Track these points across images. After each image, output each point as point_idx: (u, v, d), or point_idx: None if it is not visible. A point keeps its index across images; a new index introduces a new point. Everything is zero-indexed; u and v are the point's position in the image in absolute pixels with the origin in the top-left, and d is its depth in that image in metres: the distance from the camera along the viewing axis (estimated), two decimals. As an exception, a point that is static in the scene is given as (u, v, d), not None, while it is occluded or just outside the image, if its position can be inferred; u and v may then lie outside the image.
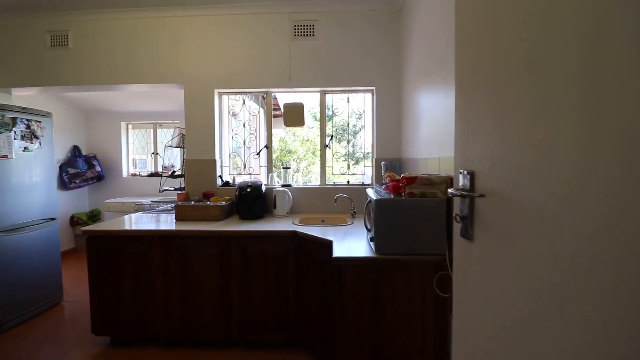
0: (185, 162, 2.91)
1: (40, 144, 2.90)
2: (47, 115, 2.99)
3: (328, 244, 1.91)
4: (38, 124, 2.88)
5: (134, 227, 2.36)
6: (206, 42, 2.82)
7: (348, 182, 2.94)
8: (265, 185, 2.81)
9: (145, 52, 2.86)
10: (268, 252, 2.22)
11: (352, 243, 1.92)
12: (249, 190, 2.58)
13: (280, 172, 2.99)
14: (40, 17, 2.89)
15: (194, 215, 2.56)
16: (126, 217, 2.79)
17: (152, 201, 4.05)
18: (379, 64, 2.78)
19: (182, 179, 3.29)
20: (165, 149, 4.57)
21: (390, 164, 2.65)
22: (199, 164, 2.88)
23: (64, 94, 4.39)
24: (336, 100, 2.97)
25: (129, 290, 2.32)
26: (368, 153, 3.05)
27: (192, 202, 2.66)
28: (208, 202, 2.64)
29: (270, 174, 2.94)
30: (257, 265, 2.22)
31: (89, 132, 5.03)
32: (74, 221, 4.89)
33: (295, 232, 2.19)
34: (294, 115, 2.85)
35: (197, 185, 2.88)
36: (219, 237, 2.23)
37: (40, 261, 2.89)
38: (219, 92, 2.91)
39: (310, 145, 9.13)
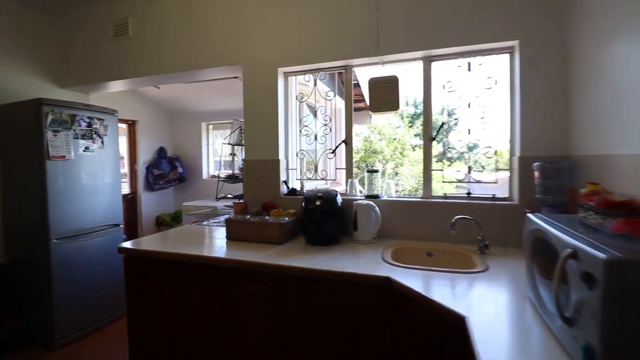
0: (243, 164, 2.31)
1: (103, 143, 2.67)
2: (112, 113, 2.77)
3: (455, 320, 0.99)
4: (101, 121, 2.65)
5: (172, 249, 1.81)
6: (267, 10, 2.17)
7: (469, 193, 1.91)
8: (342, 195, 2.01)
9: (202, 33, 2.36)
10: (343, 305, 1.39)
11: (501, 322, 0.96)
12: (318, 203, 1.81)
13: (364, 177, 2.14)
14: (103, 6, 2.67)
15: (247, 235, 1.91)
16: (177, 229, 2.33)
17: (225, 206, 3.68)
18: (525, 2, 1.69)
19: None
20: (241, 149, 4.21)
21: (550, 166, 1.55)
22: (259, 165, 2.24)
23: (149, 96, 4.40)
24: (449, 70, 1.98)
25: (165, 328, 1.79)
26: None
27: (248, 216, 2.03)
28: (267, 217, 1.97)
29: (350, 180, 2.12)
30: (326, 323, 1.42)
31: (173, 134, 5.04)
32: (159, 222, 4.93)
33: (388, 280, 1.31)
34: (383, 95, 1.97)
35: (256, 192, 2.25)
36: (272, 274, 1.51)
37: (102, 271, 2.66)
38: (284, 72, 2.23)
39: (398, 145, 8.03)
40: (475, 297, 1.16)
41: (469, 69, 1.94)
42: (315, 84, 2.20)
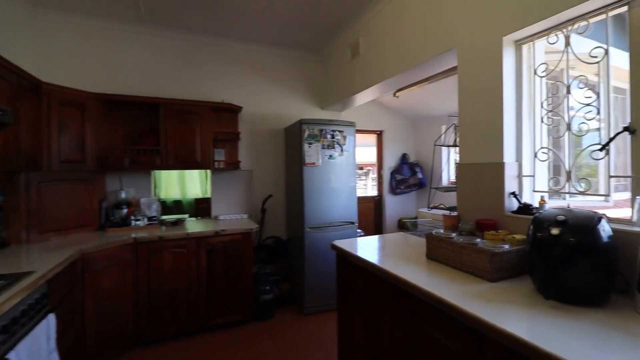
0: (456, 168, 1.88)
1: (342, 151, 3.10)
2: (350, 124, 3.16)
3: None
4: (341, 133, 3.09)
5: (367, 255, 1.76)
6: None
7: None
8: (616, 222, 1.15)
9: (414, 29, 2.19)
10: None
11: None
12: (555, 231, 1.13)
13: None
14: (344, 36, 3.10)
15: (448, 258, 1.53)
16: (391, 235, 2.27)
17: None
18: None
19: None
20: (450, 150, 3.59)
21: None
22: (474, 170, 1.75)
23: (391, 106, 4.71)
24: None
25: (358, 336, 1.79)
26: None
27: (453, 235, 1.62)
28: (478, 240, 1.49)
29: (642, 198, 1.19)
30: None
31: (415, 140, 5.11)
32: (401, 225, 5.16)
33: None
34: None
35: (472, 205, 1.77)
36: (466, 327, 1.09)
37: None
38: (514, 41, 1.59)
39: None
40: None
41: None
42: (567, 45, 1.40)
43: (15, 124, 1.95)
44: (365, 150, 6.20)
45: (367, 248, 1.91)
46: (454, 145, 2.17)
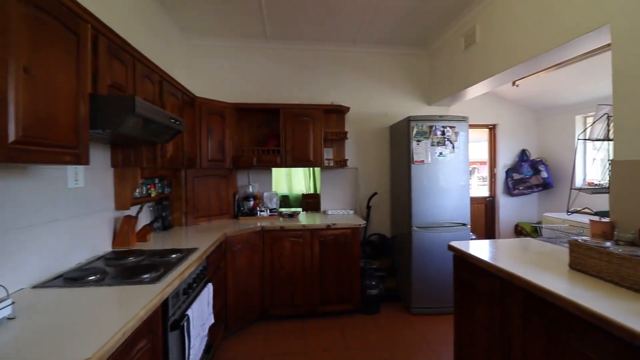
0: (610, 166, 1.59)
1: (453, 148, 2.95)
2: (462, 120, 2.98)
3: None
4: (452, 129, 2.94)
5: (492, 258, 1.65)
6: None
7: None
8: None
9: (553, 5, 1.91)
10: None
11: None
12: None
13: None
14: (455, 25, 2.92)
15: (601, 270, 1.33)
16: (514, 240, 2.08)
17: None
18: None
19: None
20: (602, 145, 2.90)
21: None
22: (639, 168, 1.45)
23: (508, 97, 4.21)
24: None
25: (480, 344, 1.70)
26: None
27: (608, 244, 1.40)
28: (645, 251, 1.25)
29: None
30: None
31: (539, 134, 4.47)
32: (518, 230, 4.60)
33: None
34: None
35: (634, 211, 1.48)
36: (636, 353, 0.96)
37: (448, 263, 2.96)
38: None
39: None
40: None
41: None
42: None
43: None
44: (472, 146, 5.68)
45: (488, 251, 1.80)
46: (607, 139, 1.82)
